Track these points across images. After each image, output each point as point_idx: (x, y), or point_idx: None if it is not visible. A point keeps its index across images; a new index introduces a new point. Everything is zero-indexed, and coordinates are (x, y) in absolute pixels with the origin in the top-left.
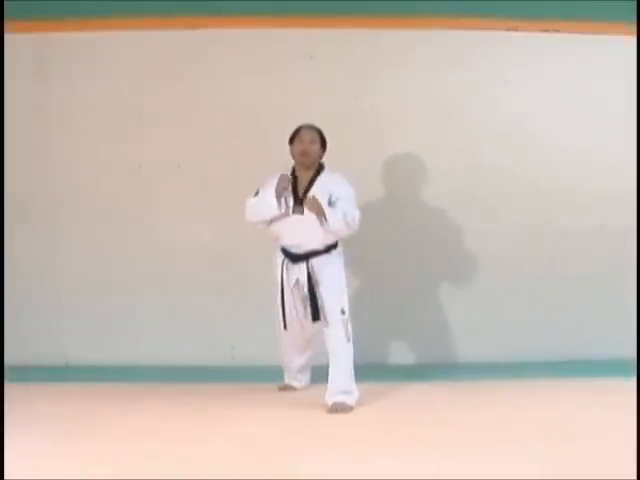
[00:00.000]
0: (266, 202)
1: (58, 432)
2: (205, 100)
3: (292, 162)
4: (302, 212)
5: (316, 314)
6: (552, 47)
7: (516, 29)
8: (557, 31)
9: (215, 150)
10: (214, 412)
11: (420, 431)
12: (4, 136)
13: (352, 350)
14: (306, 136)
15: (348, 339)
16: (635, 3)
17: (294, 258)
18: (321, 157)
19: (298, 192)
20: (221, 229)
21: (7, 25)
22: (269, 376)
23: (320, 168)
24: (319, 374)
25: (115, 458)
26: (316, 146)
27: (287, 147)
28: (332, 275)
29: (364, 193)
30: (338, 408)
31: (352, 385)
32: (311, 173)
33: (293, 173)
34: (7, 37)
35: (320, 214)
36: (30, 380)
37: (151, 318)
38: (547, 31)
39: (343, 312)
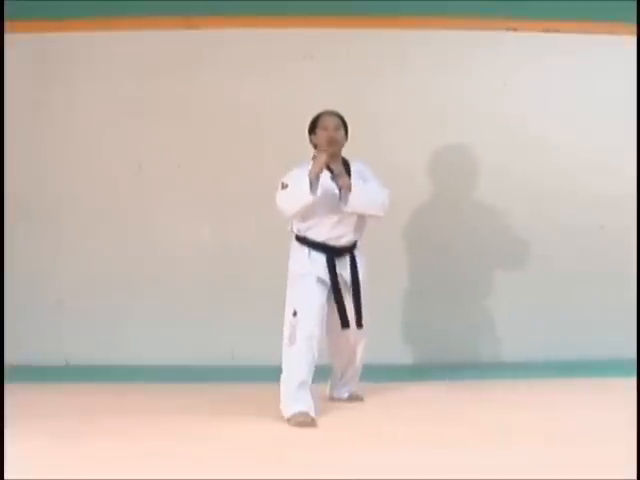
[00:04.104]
0: (299, 188)
1: (58, 432)
2: (205, 100)
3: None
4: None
5: (345, 320)
6: (552, 47)
7: (516, 29)
8: (557, 31)
9: (215, 150)
10: (214, 412)
11: (419, 430)
12: (4, 136)
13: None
14: (330, 123)
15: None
16: (635, 3)
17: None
18: (343, 145)
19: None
20: (221, 229)
21: (7, 25)
22: (269, 376)
23: (344, 160)
24: (317, 373)
25: (115, 458)
26: (341, 133)
27: (287, 146)
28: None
29: None
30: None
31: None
32: (339, 162)
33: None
34: (7, 37)
35: (346, 187)
36: (30, 380)
37: (151, 318)
38: (547, 31)
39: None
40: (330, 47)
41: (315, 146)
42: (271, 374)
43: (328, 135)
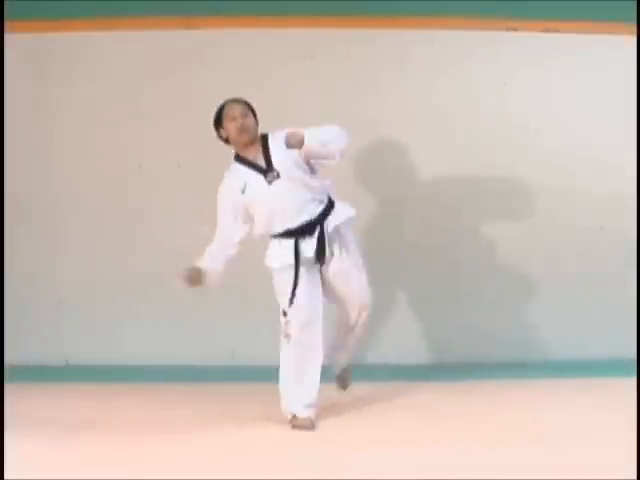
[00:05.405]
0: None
1: (58, 432)
2: (205, 100)
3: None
4: (279, 175)
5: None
6: (552, 47)
7: (516, 29)
8: (557, 31)
9: (215, 150)
10: (214, 412)
11: (419, 430)
12: (4, 136)
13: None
14: (236, 111)
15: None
16: (635, 3)
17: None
18: (257, 131)
19: (259, 165)
20: None
21: (7, 25)
22: (269, 376)
23: (265, 137)
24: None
25: (115, 458)
26: (250, 119)
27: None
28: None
29: (364, 192)
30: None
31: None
32: (259, 144)
33: (238, 157)
34: (7, 37)
35: (299, 141)
36: (30, 380)
37: (151, 318)
38: (547, 31)
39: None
40: (330, 47)
41: (226, 140)
42: (271, 374)
43: (237, 124)
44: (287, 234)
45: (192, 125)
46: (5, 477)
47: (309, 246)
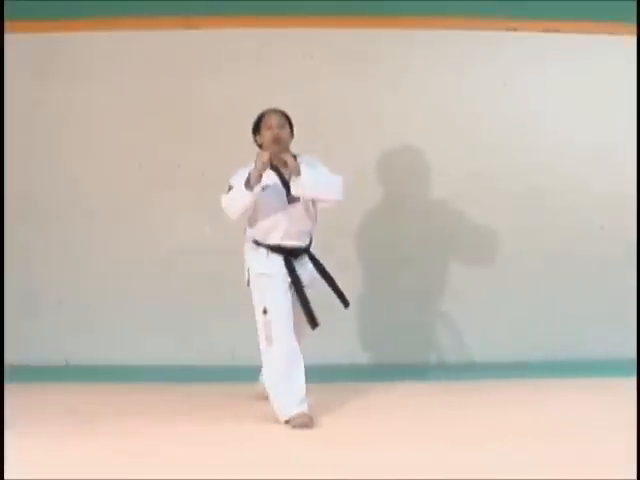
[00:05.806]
0: (239, 188)
1: (58, 432)
2: (205, 100)
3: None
4: (299, 199)
5: (313, 320)
6: (552, 47)
7: (516, 29)
8: (557, 31)
9: (215, 150)
10: (214, 412)
11: (418, 430)
12: (4, 136)
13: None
14: (274, 121)
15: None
16: (635, 3)
17: (293, 253)
18: (289, 143)
19: (287, 180)
20: (221, 229)
21: (7, 25)
22: None
23: (293, 156)
24: (318, 373)
25: (115, 458)
26: (286, 131)
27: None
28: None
29: (364, 193)
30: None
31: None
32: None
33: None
34: (7, 37)
35: (294, 170)
36: (30, 380)
37: (151, 318)
38: (547, 31)
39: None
40: (330, 47)
41: (260, 146)
42: None
43: (272, 133)
44: (277, 249)
45: (192, 125)
46: (5, 477)
47: (305, 268)
